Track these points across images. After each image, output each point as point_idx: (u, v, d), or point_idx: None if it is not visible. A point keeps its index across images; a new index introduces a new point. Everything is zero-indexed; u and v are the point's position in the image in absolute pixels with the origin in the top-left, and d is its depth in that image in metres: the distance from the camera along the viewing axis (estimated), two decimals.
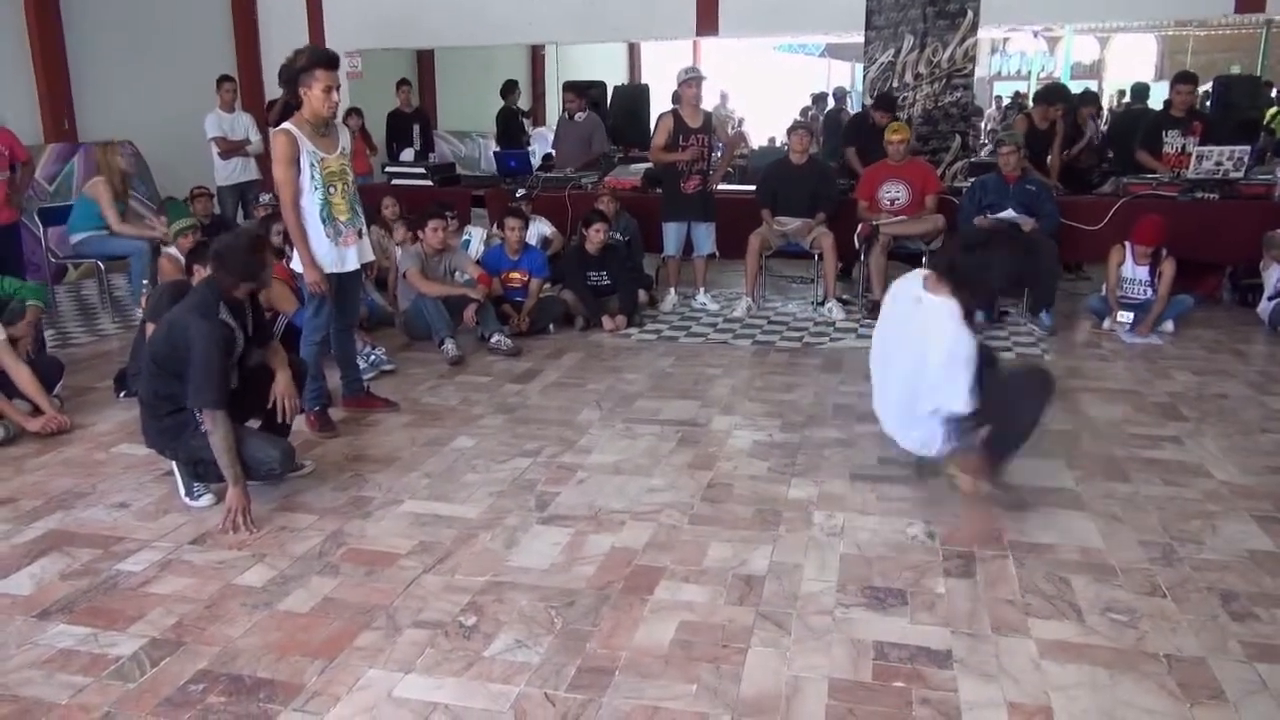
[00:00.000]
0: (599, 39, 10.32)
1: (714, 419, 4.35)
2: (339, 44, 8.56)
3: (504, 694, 2.32)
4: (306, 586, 2.85)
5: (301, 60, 3.89)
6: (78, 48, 8.13)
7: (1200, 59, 17.29)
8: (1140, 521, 3.23)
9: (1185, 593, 2.77)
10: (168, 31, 9.07)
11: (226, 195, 8.07)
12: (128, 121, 8.29)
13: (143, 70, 8.75)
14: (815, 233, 6.39)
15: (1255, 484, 3.55)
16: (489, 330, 5.60)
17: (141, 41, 8.80)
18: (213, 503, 3.41)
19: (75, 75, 8.15)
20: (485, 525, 3.26)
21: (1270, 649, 2.48)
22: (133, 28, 8.73)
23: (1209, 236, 6.16)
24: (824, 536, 3.15)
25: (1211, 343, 5.59)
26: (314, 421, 4.19)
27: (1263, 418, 4.29)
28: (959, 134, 7.82)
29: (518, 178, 7.61)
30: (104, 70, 8.41)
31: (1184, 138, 6.71)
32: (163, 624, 2.64)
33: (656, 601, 2.75)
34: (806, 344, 5.73)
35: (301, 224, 3.99)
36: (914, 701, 2.28)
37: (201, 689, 2.35)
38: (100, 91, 8.37)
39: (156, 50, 8.93)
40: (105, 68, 8.43)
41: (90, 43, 8.27)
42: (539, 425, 4.29)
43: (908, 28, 7.62)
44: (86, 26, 8.24)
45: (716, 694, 2.31)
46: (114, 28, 8.56)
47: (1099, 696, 2.30)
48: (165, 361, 3.27)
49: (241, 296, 3.36)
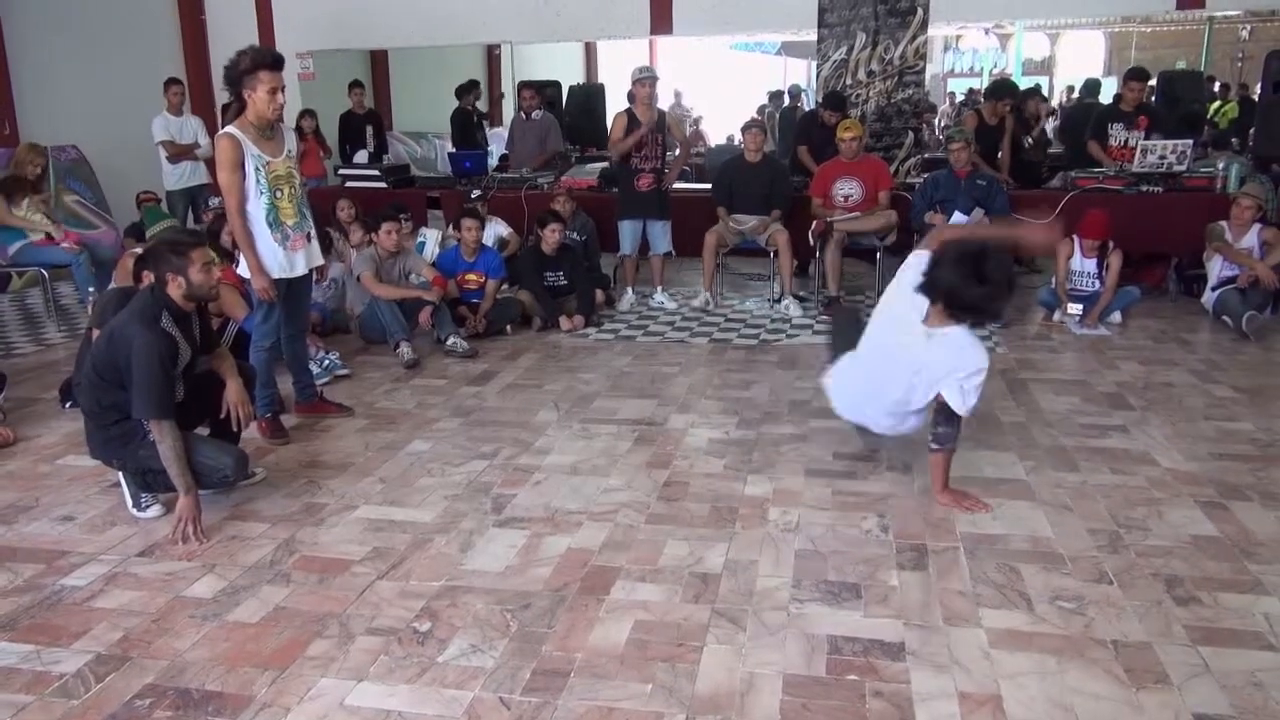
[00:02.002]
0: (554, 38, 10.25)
1: (671, 417, 4.35)
2: (289, 45, 8.51)
3: (458, 699, 2.31)
4: (257, 596, 2.81)
5: (245, 62, 3.82)
6: (18, 49, 7.95)
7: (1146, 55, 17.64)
8: (1088, 510, 3.29)
9: (1131, 579, 2.82)
10: (113, 33, 8.89)
11: (176, 200, 7.94)
12: (73, 125, 8.13)
13: (87, 72, 8.57)
14: (770, 230, 6.42)
15: (1199, 470, 3.63)
16: (445, 332, 5.56)
17: (86, 43, 8.62)
18: (161, 513, 3.34)
19: (16, 77, 7.98)
20: (440, 529, 3.24)
21: (1213, 632, 2.54)
22: (76, 29, 8.55)
23: (1154, 228, 6.30)
24: (779, 532, 3.17)
25: (1157, 333, 5.71)
26: (266, 428, 4.13)
27: (1206, 405, 4.38)
28: (912, 130, 7.90)
29: (473, 178, 7.57)
30: (46, 72, 8.23)
31: (1128, 131, 6.85)
32: (108, 639, 2.59)
33: (612, 602, 2.75)
34: (763, 341, 5.76)
35: (248, 229, 3.93)
36: (867, 694, 2.30)
37: (148, 704, 2.30)
38: (43, 94, 8.19)
39: (101, 52, 8.75)
40: (48, 70, 8.24)
41: (31, 44, 8.08)
42: (495, 427, 4.27)
43: (859, 25, 7.69)
44: (27, 27, 8.06)
45: (672, 692, 2.32)
46: (56, 29, 8.37)
47: (1047, 684, 2.33)
48: (106, 371, 3.19)
49: (185, 304, 3.29)
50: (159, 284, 3.26)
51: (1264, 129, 6.72)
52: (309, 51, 9.27)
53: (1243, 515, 3.23)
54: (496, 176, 7.61)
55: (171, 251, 3.25)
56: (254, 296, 4.12)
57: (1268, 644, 2.48)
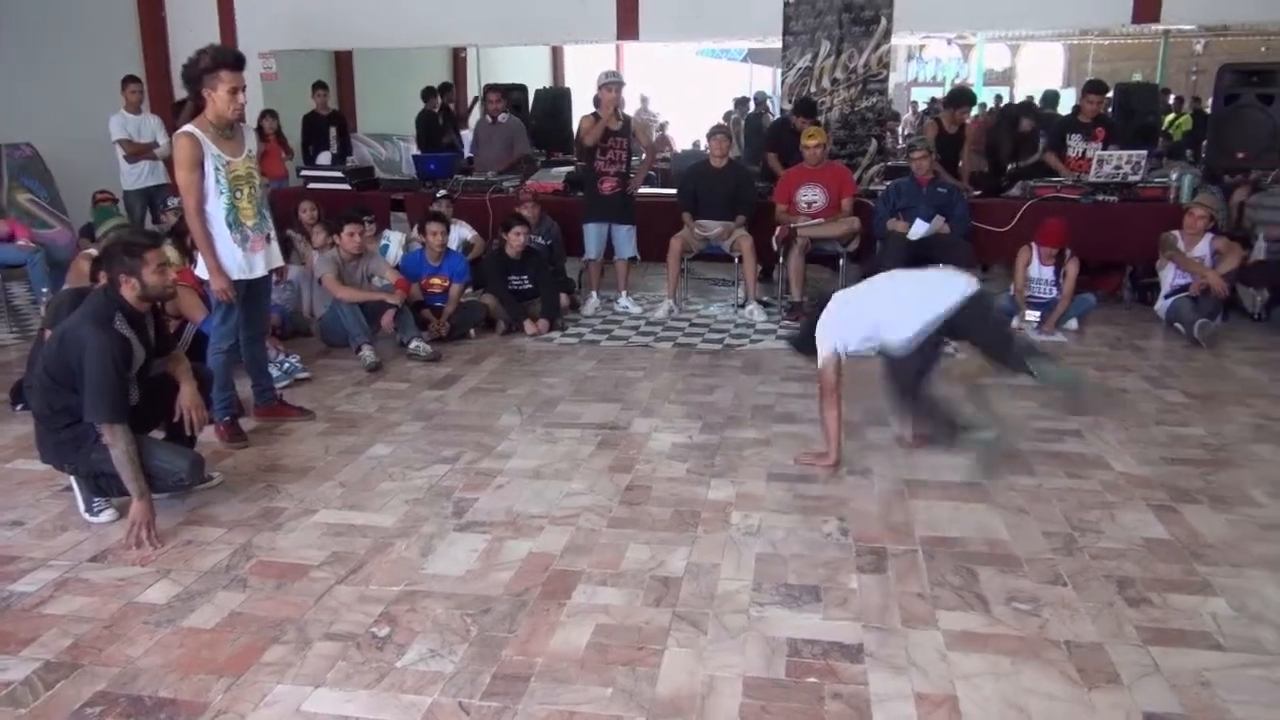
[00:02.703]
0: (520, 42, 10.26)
1: (634, 422, 4.36)
2: (251, 44, 8.42)
3: (416, 704, 2.29)
4: (213, 601, 2.77)
5: (205, 60, 3.77)
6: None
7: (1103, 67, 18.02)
8: (1044, 513, 3.35)
9: (1085, 581, 2.87)
10: (70, 28, 8.72)
11: (134, 200, 7.80)
12: (27, 122, 7.96)
13: (42, 68, 8.41)
14: (735, 235, 6.45)
15: (1151, 474, 3.70)
16: (408, 336, 5.52)
17: (41, 38, 8.45)
18: (114, 518, 3.29)
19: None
20: (401, 534, 3.22)
21: (1163, 632, 2.59)
22: (31, 23, 8.38)
23: (1110, 237, 6.41)
24: (741, 536, 3.19)
25: (1112, 339, 5.81)
26: (224, 432, 4.08)
27: (1159, 410, 4.47)
28: (875, 138, 7.98)
29: (438, 181, 7.53)
30: (0, 68, 8.06)
31: (1086, 142, 6.98)
32: (58, 645, 2.54)
33: (574, 605, 2.74)
34: (727, 346, 5.78)
35: (207, 230, 3.87)
36: (826, 696, 2.32)
37: (99, 712, 2.26)
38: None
39: (57, 48, 8.57)
40: (2, 66, 8.07)
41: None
42: (458, 431, 4.24)
43: (824, 34, 7.76)
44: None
45: (632, 696, 2.32)
46: (11, 25, 8.20)
47: (1002, 684, 2.37)
48: (58, 373, 3.13)
49: (140, 306, 3.24)
50: (112, 285, 3.21)
51: (1216, 141, 6.87)
52: (271, 51, 9.16)
53: (1192, 518, 3.30)
54: (462, 179, 7.57)
55: (125, 252, 3.20)
56: (212, 298, 4.06)
57: (1215, 644, 2.53)
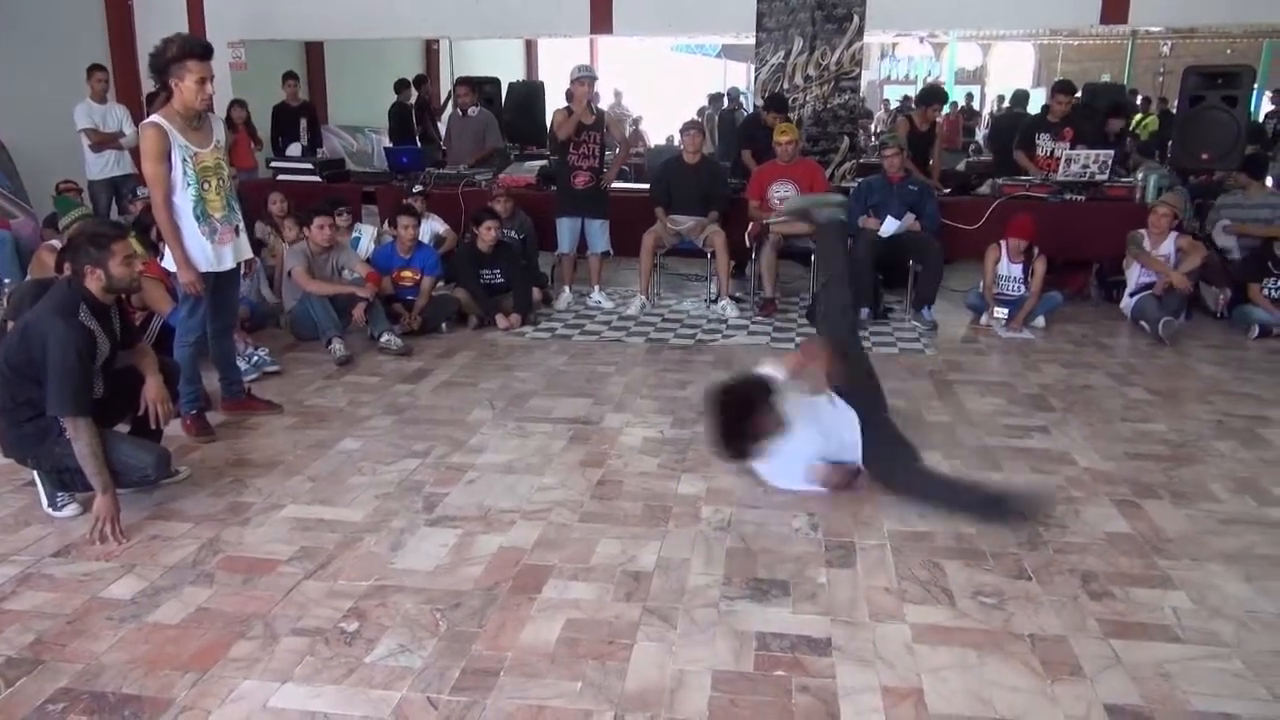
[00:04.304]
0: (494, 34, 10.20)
1: (606, 416, 4.36)
2: (220, 34, 8.33)
3: (385, 699, 2.28)
4: (179, 597, 2.74)
5: (172, 50, 3.72)
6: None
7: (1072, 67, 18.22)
8: None
9: (1049, 575, 2.91)
10: (34, 15, 8.56)
11: (99, 190, 7.68)
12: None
13: (8, 58, 8.24)
14: (708, 231, 6.47)
15: (1114, 469, 3.76)
16: (378, 329, 5.48)
17: (7, 28, 8.29)
18: (78, 513, 3.24)
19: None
20: (370, 528, 3.20)
21: (1124, 625, 2.63)
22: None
23: (1077, 236, 6.49)
24: (711, 531, 3.20)
25: (1079, 337, 5.89)
26: (190, 426, 4.03)
27: (1123, 407, 4.54)
28: (847, 135, 8.03)
29: (410, 174, 7.47)
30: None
31: (1054, 142, 7.05)
32: (19, 642, 2.50)
33: (544, 600, 2.74)
34: (700, 341, 5.80)
35: (174, 222, 3.82)
36: (793, 690, 2.34)
37: (61, 709, 2.24)
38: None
39: (22, 36, 8.42)
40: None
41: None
42: (429, 425, 4.22)
43: (797, 30, 7.79)
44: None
45: (601, 690, 2.32)
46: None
47: (967, 677, 2.40)
48: (21, 365, 3.08)
49: (104, 297, 3.20)
50: (76, 276, 3.17)
51: (1181, 141, 6.97)
52: (241, 40, 9.05)
53: (1154, 513, 3.36)
54: (434, 173, 7.52)
55: (91, 243, 3.15)
56: (179, 290, 4.01)
57: (1175, 637, 2.58)
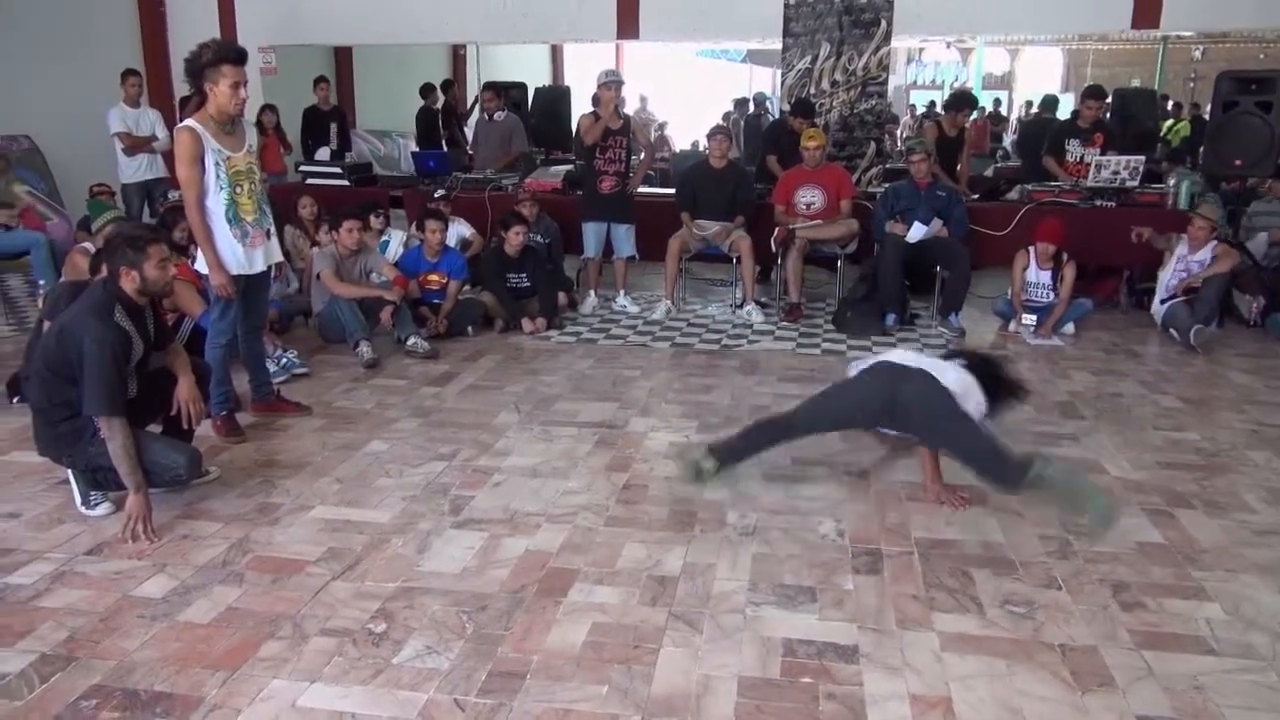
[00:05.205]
0: (520, 40, 10.25)
1: (632, 421, 4.36)
2: (251, 39, 8.41)
3: (412, 701, 2.29)
4: (209, 596, 2.77)
5: (207, 55, 3.77)
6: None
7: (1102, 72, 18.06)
8: (1039, 516, 3.34)
9: (1079, 584, 2.88)
10: (69, 21, 8.70)
11: (132, 193, 7.79)
12: (26, 115, 7.95)
13: (41, 61, 8.39)
14: (733, 236, 6.46)
15: (1145, 478, 3.71)
16: (405, 332, 5.52)
17: (41, 31, 8.43)
18: (110, 511, 3.28)
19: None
20: (397, 530, 3.22)
21: (1156, 636, 2.60)
22: (30, 16, 8.36)
23: (1107, 242, 6.42)
24: (737, 536, 3.19)
25: (1109, 344, 5.83)
26: (221, 427, 4.07)
27: (1154, 415, 4.49)
28: (874, 140, 8.00)
29: (436, 178, 7.53)
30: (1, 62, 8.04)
31: (1084, 147, 6.99)
32: (54, 638, 2.54)
33: (570, 604, 2.75)
34: (725, 346, 5.79)
35: (207, 225, 3.87)
36: (820, 696, 2.33)
37: (94, 705, 2.26)
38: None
39: (57, 41, 8.56)
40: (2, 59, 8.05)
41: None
42: (455, 428, 4.24)
43: (824, 35, 7.77)
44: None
45: (627, 694, 2.32)
46: (10, 16, 8.18)
47: (996, 686, 2.38)
48: (57, 366, 3.13)
49: (139, 299, 3.24)
50: (112, 278, 3.21)
51: (1213, 148, 6.88)
52: (271, 46, 9.15)
53: (1187, 523, 3.31)
54: (460, 177, 7.57)
55: (128, 245, 3.20)
56: (210, 292, 4.06)
57: (1209, 648, 2.55)
